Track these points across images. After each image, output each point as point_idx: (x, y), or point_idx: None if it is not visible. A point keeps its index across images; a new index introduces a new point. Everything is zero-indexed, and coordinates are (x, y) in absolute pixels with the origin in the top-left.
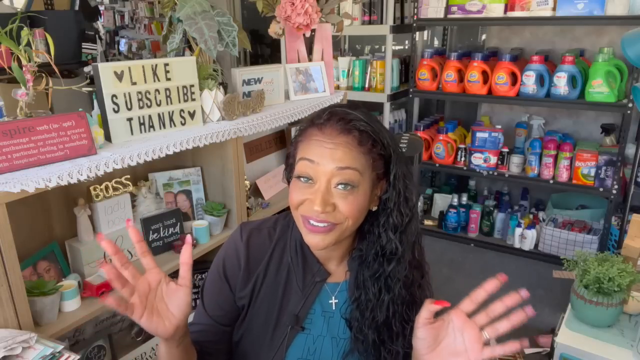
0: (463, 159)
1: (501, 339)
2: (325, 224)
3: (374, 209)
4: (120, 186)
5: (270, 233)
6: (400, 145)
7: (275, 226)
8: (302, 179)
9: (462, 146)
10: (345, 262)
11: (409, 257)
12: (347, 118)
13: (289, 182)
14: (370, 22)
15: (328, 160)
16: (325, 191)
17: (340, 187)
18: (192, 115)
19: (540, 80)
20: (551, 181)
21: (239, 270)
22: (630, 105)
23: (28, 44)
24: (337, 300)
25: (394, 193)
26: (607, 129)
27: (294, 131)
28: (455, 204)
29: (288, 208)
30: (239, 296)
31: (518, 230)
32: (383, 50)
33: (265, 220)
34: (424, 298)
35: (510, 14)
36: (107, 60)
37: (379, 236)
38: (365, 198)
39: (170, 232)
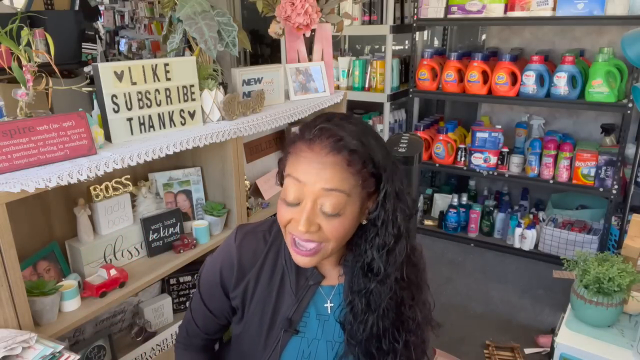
0: (463, 159)
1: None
2: (311, 245)
3: (364, 222)
4: (120, 186)
5: (265, 236)
6: (400, 145)
7: (271, 229)
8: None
9: (462, 146)
10: (340, 266)
11: (394, 277)
12: (338, 135)
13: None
14: (370, 22)
15: (315, 180)
16: (310, 211)
17: (326, 209)
18: (192, 115)
19: (540, 80)
20: (551, 181)
21: (231, 274)
22: (630, 105)
23: (28, 44)
24: (332, 304)
25: (382, 212)
26: (607, 129)
27: (294, 131)
28: (455, 204)
29: None
30: (232, 296)
31: (518, 230)
32: (383, 50)
33: (261, 223)
34: (412, 320)
35: (510, 14)
36: (107, 60)
37: (365, 252)
38: (352, 219)
39: (170, 232)
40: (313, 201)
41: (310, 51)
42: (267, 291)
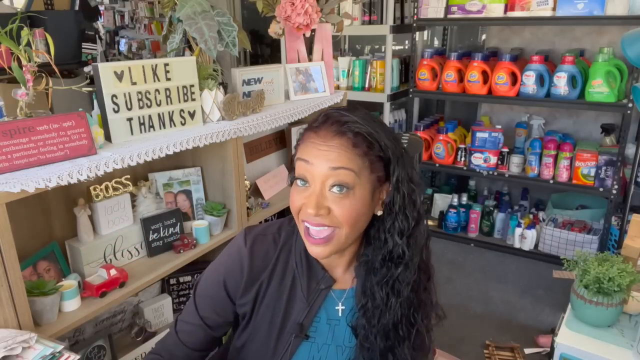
0: (463, 159)
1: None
2: (323, 228)
3: (379, 213)
4: (120, 186)
5: (275, 239)
6: None
7: (280, 231)
8: (298, 181)
9: (462, 146)
10: (352, 268)
11: (417, 261)
12: (342, 120)
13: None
14: (370, 22)
15: (322, 161)
16: (319, 194)
17: (335, 189)
18: (192, 115)
19: (540, 80)
20: (551, 181)
21: (240, 279)
22: (630, 105)
23: (28, 44)
24: (343, 307)
25: (398, 196)
26: (607, 129)
27: (294, 131)
28: (455, 204)
29: (288, 208)
30: (240, 303)
31: (518, 230)
32: (383, 50)
33: (269, 225)
34: (428, 301)
35: (510, 14)
36: (107, 60)
37: (385, 241)
38: (363, 203)
39: (170, 232)
40: (322, 183)
41: (310, 51)
42: (277, 295)
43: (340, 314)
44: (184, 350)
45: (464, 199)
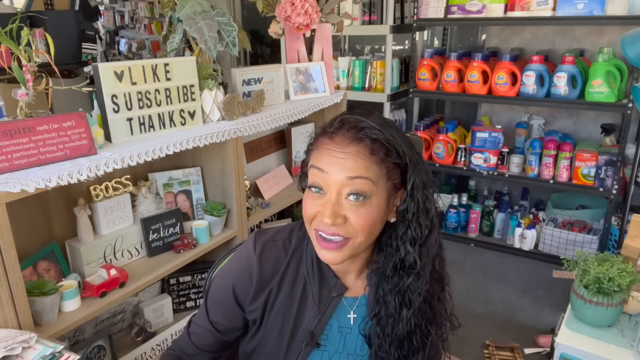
0: (463, 159)
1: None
2: (337, 238)
3: (392, 220)
4: (120, 186)
5: (285, 245)
6: None
7: (291, 237)
8: (313, 189)
9: (462, 146)
10: (364, 276)
11: (429, 271)
12: (359, 126)
13: (303, 191)
14: (370, 22)
15: (338, 170)
16: (335, 202)
17: (351, 197)
18: (192, 115)
19: (540, 80)
20: (551, 181)
21: (249, 286)
22: (630, 105)
23: (28, 44)
24: (355, 315)
25: (412, 204)
26: (607, 129)
27: (294, 131)
28: (455, 204)
29: (288, 208)
30: (249, 310)
31: (518, 230)
32: (383, 50)
33: (279, 230)
34: (442, 310)
35: (510, 14)
36: (107, 60)
37: (397, 249)
38: (379, 210)
39: (170, 232)
40: (337, 191)
41: (310, 51)
42: (287, 303)
43: (352, 322)
44: (194, 350)
45: (464, 199)
